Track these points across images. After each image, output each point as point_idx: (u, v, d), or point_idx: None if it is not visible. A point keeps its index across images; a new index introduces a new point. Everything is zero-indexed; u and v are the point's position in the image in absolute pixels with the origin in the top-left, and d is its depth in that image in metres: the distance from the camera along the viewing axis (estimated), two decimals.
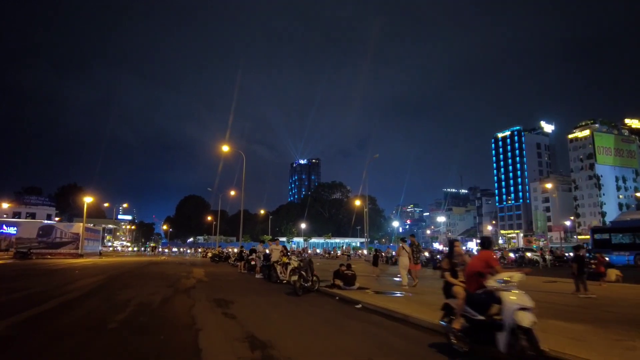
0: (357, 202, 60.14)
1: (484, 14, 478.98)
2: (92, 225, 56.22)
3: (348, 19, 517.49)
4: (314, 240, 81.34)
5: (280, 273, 12.83)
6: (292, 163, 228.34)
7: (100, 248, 48.82)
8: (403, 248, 12.67)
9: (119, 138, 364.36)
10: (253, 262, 18.41)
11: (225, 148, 29.54)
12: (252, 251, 19.40)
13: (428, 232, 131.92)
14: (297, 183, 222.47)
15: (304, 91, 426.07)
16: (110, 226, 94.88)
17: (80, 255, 36.37)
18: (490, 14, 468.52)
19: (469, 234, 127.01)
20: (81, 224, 38.01)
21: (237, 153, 30.37)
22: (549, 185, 67.51)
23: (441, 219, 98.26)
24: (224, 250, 33.91)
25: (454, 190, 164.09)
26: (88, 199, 38.33)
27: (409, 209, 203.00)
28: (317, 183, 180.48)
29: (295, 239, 77.10)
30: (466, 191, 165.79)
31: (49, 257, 34.70)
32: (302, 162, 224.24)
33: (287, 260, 12.52)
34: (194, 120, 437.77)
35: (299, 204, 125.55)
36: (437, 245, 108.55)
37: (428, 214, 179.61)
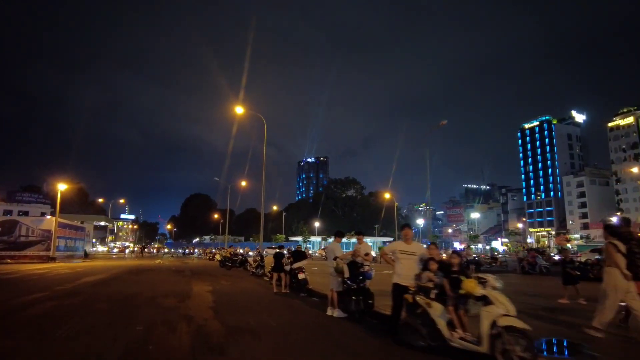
0: (387, 195, 51.61)
1: (500, 6, 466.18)
2: (80, 222, 47.91)
3: (356, 17, 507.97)
4: (332, 239, 72.43)
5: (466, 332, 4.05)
6: (299, 161, 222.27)
7: (86, 249, 40.58)
8: (616, 248, 5.08)
9: (125, 139, 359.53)
10: (302, 276, 9.95)
11: (240, 109, 21.14)
12: (299, 255, 10.89)
13: (449, 230, 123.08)
14: (305, 182, 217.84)
15: (312, 91, 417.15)
16: (101, 223, 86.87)
17: (52, 259, 28.16)
18: (506, 5, 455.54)
19: (494, 232, 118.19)
20: (53, 219, 29.75)
21: (256, 118, 21.96)
22: (635, 170, 57.75)
23: (475, 215, 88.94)
24: (240, 252, 25.14)
25: (474, 186, 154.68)
26: (62, 186, 30.02)
27: (421, 207, 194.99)
28: (325, 182, 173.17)
29: (312, 239, 68.51)
30: (487, 187, 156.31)
31: (9, 261, 26.56)
32: (309, 160, 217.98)
33: (481, 292, 3.92)
34: (200, 121, 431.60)
35: (309, 202, 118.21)
36: (457, 245, 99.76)
37: (442, 212, 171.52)
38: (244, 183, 42.67)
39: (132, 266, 23.63)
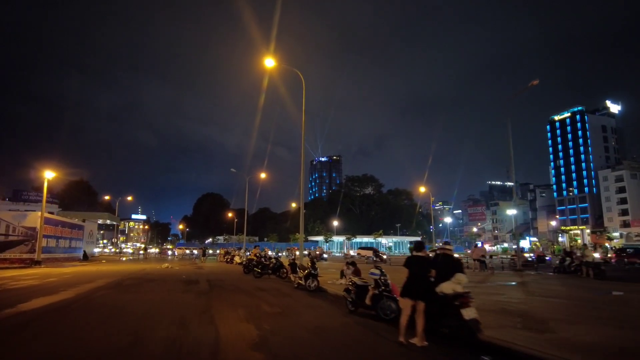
0: (422, 189, 45.72)
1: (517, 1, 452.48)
2: (82, 220, 42.90)
3: (368, 16, 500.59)
4: (357, 239, 66.41)
5: None
6: (312, 161, 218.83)
7: (86, 250, 35.59)
8: None
9: (139, 141, 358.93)
10: (471, 314, 4.17)
11: (270, 62, 15.60)
12: (448, 264, 5.14)
13: (474, 229, 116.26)
14: (317, 181, 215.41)
15: (323, 91, 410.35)
16: (108, 222, 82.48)
17: (37, 262, 23.05)
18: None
19: (521, 231, 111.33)
20: (39, 214, 24.65)
21: (292, 73, 16.37)
22: None
23: (511, 211, 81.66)
24: (272, 254, 18.92)
25: (499, 182, 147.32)
26: (49, 174, 24.94)
27: (438, 206, 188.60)
28: (338, 181, 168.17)
29: (335, 238, 62.84)
30: (512, 184, 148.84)
31: None
32: (322, 159, 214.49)
33: None
34: (213, 123, 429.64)
35: (325, 201, 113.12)
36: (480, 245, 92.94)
37: (460, 211, 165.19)
38: (263, 175, 37.24)
39: (129, 273, 18.28)
